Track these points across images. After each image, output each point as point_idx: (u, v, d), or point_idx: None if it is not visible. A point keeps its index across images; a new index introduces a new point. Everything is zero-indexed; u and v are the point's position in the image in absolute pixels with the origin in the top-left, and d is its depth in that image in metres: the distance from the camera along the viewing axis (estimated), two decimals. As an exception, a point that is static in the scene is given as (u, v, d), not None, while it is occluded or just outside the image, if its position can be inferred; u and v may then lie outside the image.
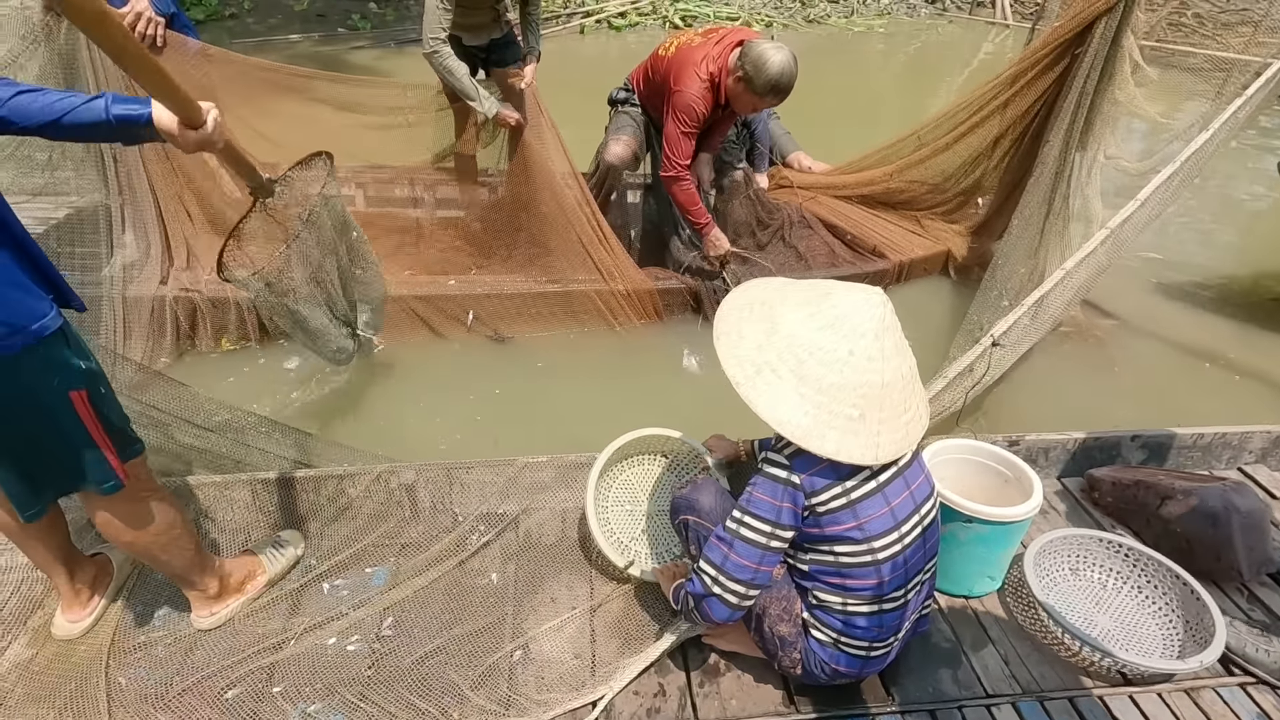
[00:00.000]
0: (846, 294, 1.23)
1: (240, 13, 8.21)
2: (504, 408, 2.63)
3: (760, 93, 2.58)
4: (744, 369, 1.23)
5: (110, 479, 1.33)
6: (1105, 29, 2.45)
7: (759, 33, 2.80)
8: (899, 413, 1.24)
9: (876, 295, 1.23)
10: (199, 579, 1.57)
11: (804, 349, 1.20)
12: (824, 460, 1.22)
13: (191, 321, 2.69)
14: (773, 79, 2.53)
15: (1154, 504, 1.85)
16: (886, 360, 1.21)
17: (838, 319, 1.20)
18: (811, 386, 1.19)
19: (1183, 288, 3.44)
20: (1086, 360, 2.89)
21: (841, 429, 1.20)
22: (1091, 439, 2.08)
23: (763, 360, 1.22)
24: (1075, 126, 2.53)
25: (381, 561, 1.80)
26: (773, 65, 2.52)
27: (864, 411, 1.20)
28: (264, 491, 1.86)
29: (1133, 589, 1.71)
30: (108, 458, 1.30)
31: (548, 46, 7.53)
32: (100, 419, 1.28)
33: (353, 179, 3.35)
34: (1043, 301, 1.86)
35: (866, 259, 3.22)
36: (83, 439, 1.26)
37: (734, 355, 1.25)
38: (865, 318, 1.20)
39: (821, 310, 1.22)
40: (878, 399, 1.21)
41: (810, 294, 1.26)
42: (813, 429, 1.19)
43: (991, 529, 1.61)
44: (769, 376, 1.21)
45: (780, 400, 1.20)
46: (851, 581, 1.30)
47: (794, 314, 1.23)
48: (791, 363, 1.20)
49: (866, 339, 1.20)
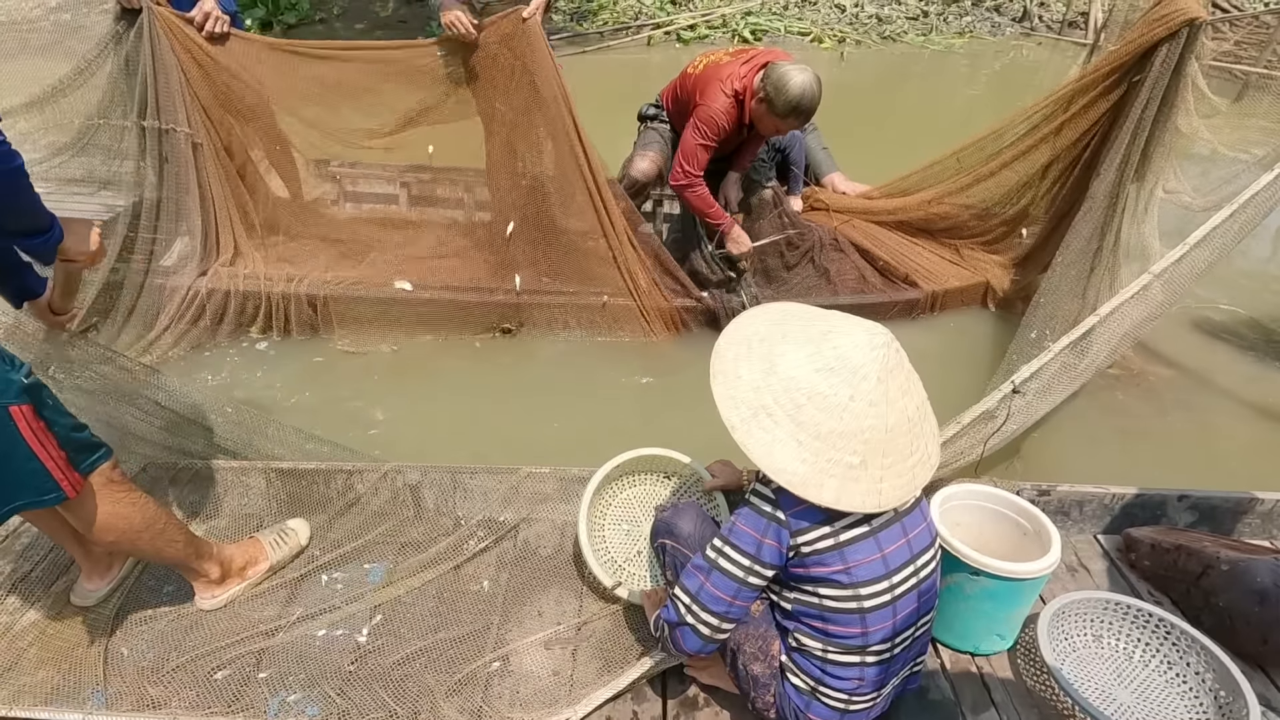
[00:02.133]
0: (848, 334, 1.17)
1: (329, 17, 8.66)
2: (509, 414, 2.65)
3: (781, 114, 2.57)
4: (739, 411, 1.18)
5: (52, 491, 1.31)
6: (1168, 55, 2.28)
7: (791, 55, 2.74)
8: (904, 456, 1.17)
9: (880, 336, 1.16)
10: (197, 565, 1.63)
11: (802, 393, 1.14)
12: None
13: (223, 312, 2.85)
14: (793, 101, 2.52)
15: (1196, 572, 1.69)
16: (890, 404, 1.14)
17: (838, 360, 1.14)
18: (809, 433, 1.14)
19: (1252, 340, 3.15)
20: (1137, 409, 2.68)
21: (841, 476, 1.14)
22: (1133, 494, 1.92)
23: (759, 403, 1.17)
24: (1131, 157, 2.35)
25: (380, 558, 1.83)
26: (793, 87, 2.50)
27: (865, 458, 1.14)
28: (277, 480, 1.94)
29: (1162, 663, 1.56)
30: (50, 470, 1.28)
31: (615, 58, 7.54)
32: (48, 431, 1.28)
33: (397, 178, 3.44)
34: (1082, 347, 1.73)
35: (897, 287, 3.10)
36: (23, 453, 1.25)
37: (730, 397, 1.20)
38: (867, 360, 1.14)
39: (821, 351, 1.16)
40: (881, 444, 1.14)
41: (811, 331, 1.20)
42: (810, 477, 1.14)
43: (1000, 584, 1.50)
44: (765, 420, 1.16)
45: (776, 446, 1.15)
46: (834, 628, 1.23)
47: (793, 354, 1.17)
48: (789, 407, 1.15)
49: (868, 382, 1.13)
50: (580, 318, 2.99)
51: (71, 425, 1.35)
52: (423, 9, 8.76)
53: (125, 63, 2.66)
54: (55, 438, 1.30)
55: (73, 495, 1.34)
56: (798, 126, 2.71)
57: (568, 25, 8.06)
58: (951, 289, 3.12)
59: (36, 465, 1.27)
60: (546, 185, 2.93)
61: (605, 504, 1.88)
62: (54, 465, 1.29)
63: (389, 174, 3.49)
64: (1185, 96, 2.33)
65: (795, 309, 1.29)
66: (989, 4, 8.90)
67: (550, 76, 2.73)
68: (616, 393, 2.81)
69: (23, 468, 1.27)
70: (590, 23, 8.16)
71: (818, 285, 3.11)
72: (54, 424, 1.30)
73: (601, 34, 7.95)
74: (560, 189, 2.91)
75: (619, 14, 8.25)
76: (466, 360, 2.91)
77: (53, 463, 1.29)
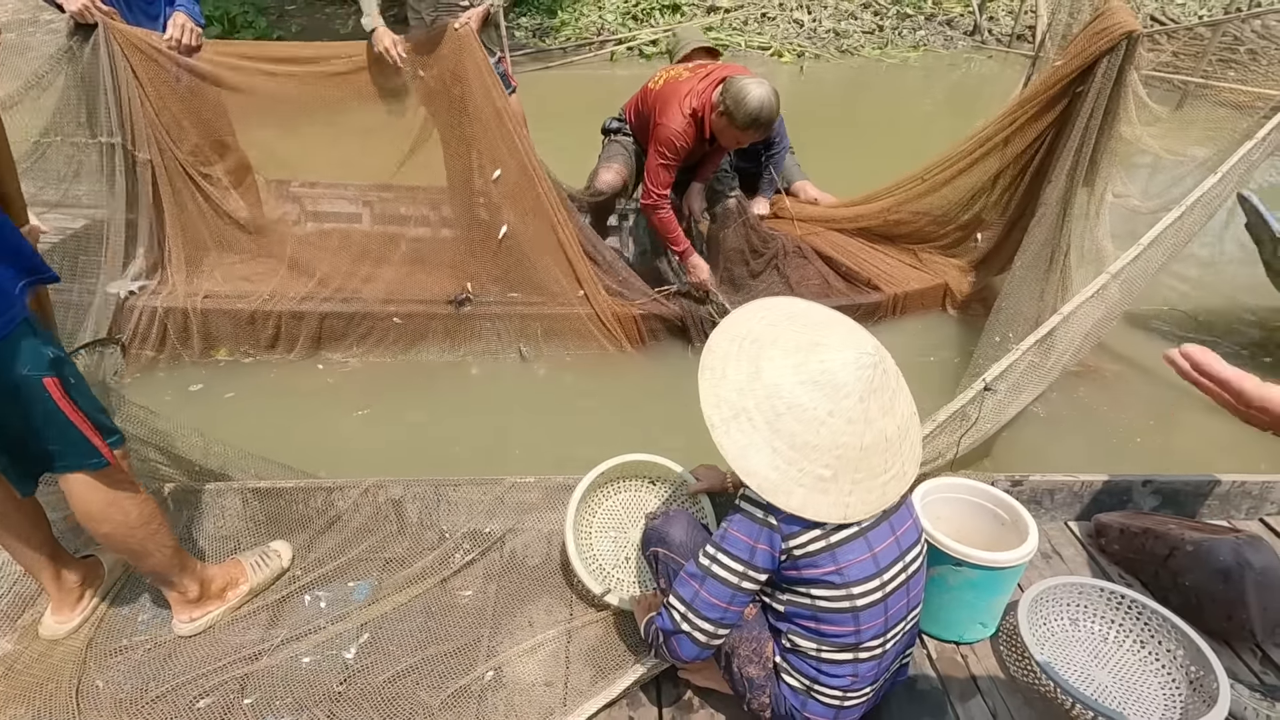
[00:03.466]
0: (838, 350, 1.17)
1: (287, 35, 8.55)
2: (478, 431, 2.63)
3: (741, 126, 2.63)
4: (720, 411, 1.20)
5: (94, 456, 1.37)
6: (1108, 67, 2.41)
7: (747, 69, 2.82)
8: (876, 474, 1.19)
9: (869, 356, 1.16)
10: (178, 579, 1.59)
11: (783, 402, 1.16)
12: None
13: (184, 331, 2.78)
14: (752, 113, 2.58)
15: (1163, 554, 1.76)
16: (869, 423, 1.16)
17: (823, 375, 1.15)
18: (785, 442, 1.15)
19: (1186, 335, 3.32)
20: (1096, 403, 2.80)
21: (810, 487, 1.16)
22: (1100, 482, 1.99)
23: (741, 405, 1.18)
24: (1080, 164, 2.48)
25: (365, 576, 1.80)
26: (751, 100, 2.56)
27: (837, 472, 1.16)
28: (254, 500, 1.89)
29: (1135, 644, 1.62)
30: (90, 437, 1.34)
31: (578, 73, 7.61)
32: (76, 405, 1.32)
33: (359, 197, 3.40)
34: (1047, 345, 1.80)
35: (860, 290, 3.19)
36: (63, 421, 1.31)
37: (714, 394, 1.21)
38: (851, 378, 1.15)
39: (808, 363, 1.17)
40: (854, 461, 1.16)
41: (802, 340, 1.20)
42: (780, 484, 1.16)
43: (982, 574, 1.54)
44: (744, 424, 1.18)
45: (751, 450, 1.17)
46: (827, 627, 1.25)
47: (781, 361, 1.18)
48: (769, 414, 1.16)
49: (850, 400, 1.14)
50: (546, 330, 2.99)
51: (95, 405, 1.39)
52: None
53: (80, 79, 2.59)
54: (85, 411, 1.34)
55: (113, 463, 1.39)
56: (759, 138, 2.77)
57: (531, 41, 8.10)
58: (912, 292, 3.22)
59: (76, 433, 1.33)
60: (499, 199, 2.93)
61: (591, 511, 1.88)
62: (92, 434, 1.35)
63: (351, 193, 3.44)
64: (1127, 105, 2.46)
65: (798, 309, 1.29)
66: (941, 19, 9.22)
67: (483, 87, 2.74)
68: (588, 404, 2.81)
69: (66, 433, 1.32)
70: (553, 39, 8.22)
71: (782, 292, 3.16)
72: (79, 403, 1.33)
73: (565, 50, 8.01)
74: (513, 202, 2.92)
75: (581, 30, 8.32)
76: (429, 377, 2.88)
77: (90, 431, 1.35)
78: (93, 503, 1.40)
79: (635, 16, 8.55)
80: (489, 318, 2.94)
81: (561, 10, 8.64)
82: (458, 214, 3.09)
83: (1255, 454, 2.59)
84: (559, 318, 2.97)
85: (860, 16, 9.00)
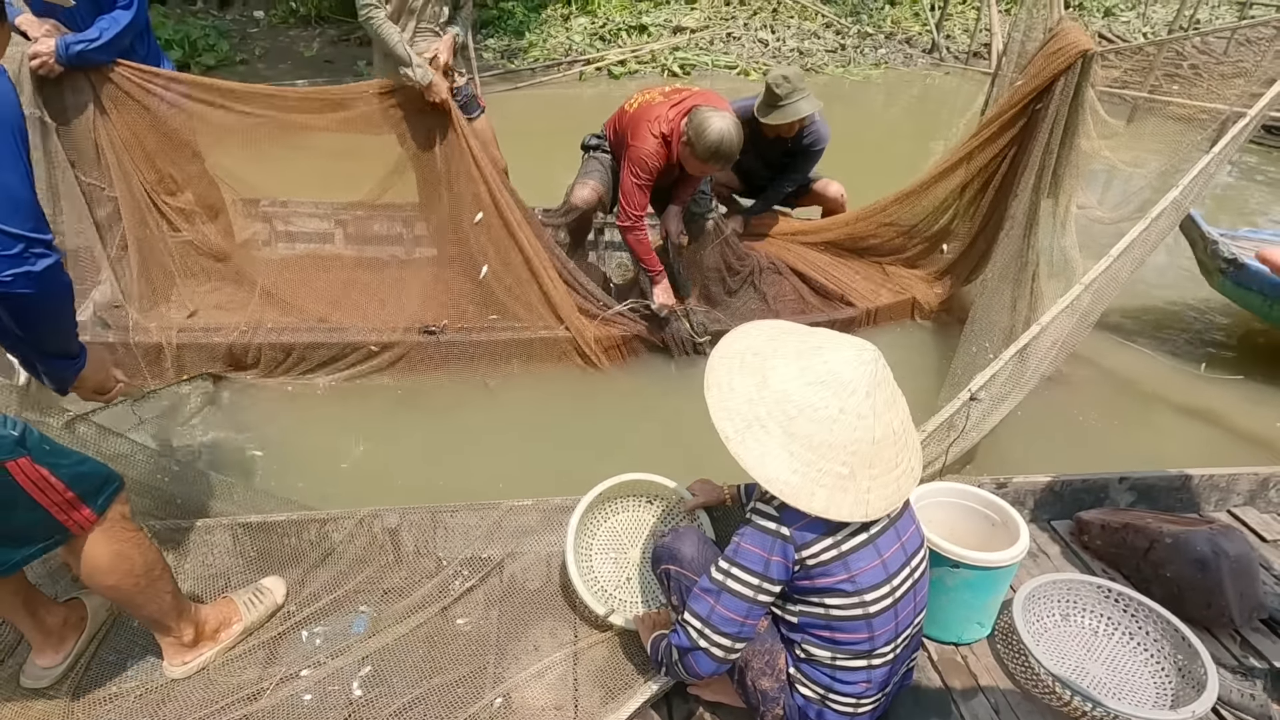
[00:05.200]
0: (837, 349, 1.22)
1: (251, 59, 8.44)
2: (463, 456, 2.62)
3: (702, 158, 2.67)
4: (734, 423, 1.22)
5: (57, 533, 1.31)
6: (1065, 85, 2.54)
7: (718, 95, 2.88)
8: (890, 468, 1.22)
9: (868, 351, 1.22)
10: (175, 624, 1.54)
11: (794, 405, 1.19)
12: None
13: (156, 360, 2.71)
14: (711, 146, 2.62)
15: (1143, 548, 1.83)
16: (878, 417, 1.19)
17: (829, 374, 1.19)
18: (801, 444, 1.18)
19: (1139, 331, 3.51)
20: (1071, 405, 2.92)
21: (831, 486, 1.18)
22: (1079, 481, 2.07)
23: (752, 415, 1.21)
24: (1044, 178, 2.60)
25: (363, 608, 1.77)
26: (710, 134, 2.60)
27: (854, 469, 1.19)
28: (244, 535, 1.85)
29: (1124, 635, 1.68)
30: (53, 514, 1.28)
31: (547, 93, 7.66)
32: (51, 477, 1.26)
33: (332, 215, 3.37)
34: (1024, 355, 1.88)
35: (835, 306, 3.28)
36: (26, 504, 1.25)
37: (724, 408, 1.24)
38: (856, 374, 1.19)
39: (812, 365, 1.21)
40: (868, 456, 1.19)
41: (802, 347, 1.24)
42: (801, 486, 1.18)
43: (979, 574, 1.59)
44: (758, 432, 1.20)
45: (769, 457, 1.19)
46: (841, 635, 1.27)
47: (785, 368, 1.22)
48: (781, 419, 1.19)
49: (857, 396, 1.18)
50: (526, 354, 2.98)
51: (75, 462, 1.33)
52: (348, 49, 8.67)
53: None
54: (61, 480, 1.28)
55: (79, 532, 1.34)
56: (721, 169, 2.81)
57: (499, 63, 8.14)
58: (883, 305, 3.33)
59: (40, 514, 1.27)
60: (476, 232, 2.95)
61: (590, 534, 1.89)
62: (57, 509, 1.29)
63: (323, 211, 3.41)
64: (1085, 120, 2.58)
65: (787, 326, 1.35)
66: (901, 37, 9.55)
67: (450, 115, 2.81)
68: (574, 425, 2.81)
69: (27, 518, 1.27)
70: (522, 60, 8.27)
71: (760, 308, 3.23)
72: (57, 468, 1.28)
73: (534, 70, 8.06)
74: (489, 234, 2.94)
75: (550, 51, 8.40)
76: (406, 403, 2.84)
77: (56, 507, 1.29)
78: (100, 556, 1.36)
79: (602, 37, 8.67)
80: (469, 344, 2.93)
81: (529, 32, 8.71)
82: (435, 241, 3.11)
83: (1219, 447, 2.73)
84: (538, 341, 2.97)
85: (823, 36, 9.27)
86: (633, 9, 9.12)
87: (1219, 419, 2.94)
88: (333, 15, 8.84)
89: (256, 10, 9.35)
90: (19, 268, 1.18)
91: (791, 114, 3.04)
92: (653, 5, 9.29)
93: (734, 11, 9.33)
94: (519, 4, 9.11)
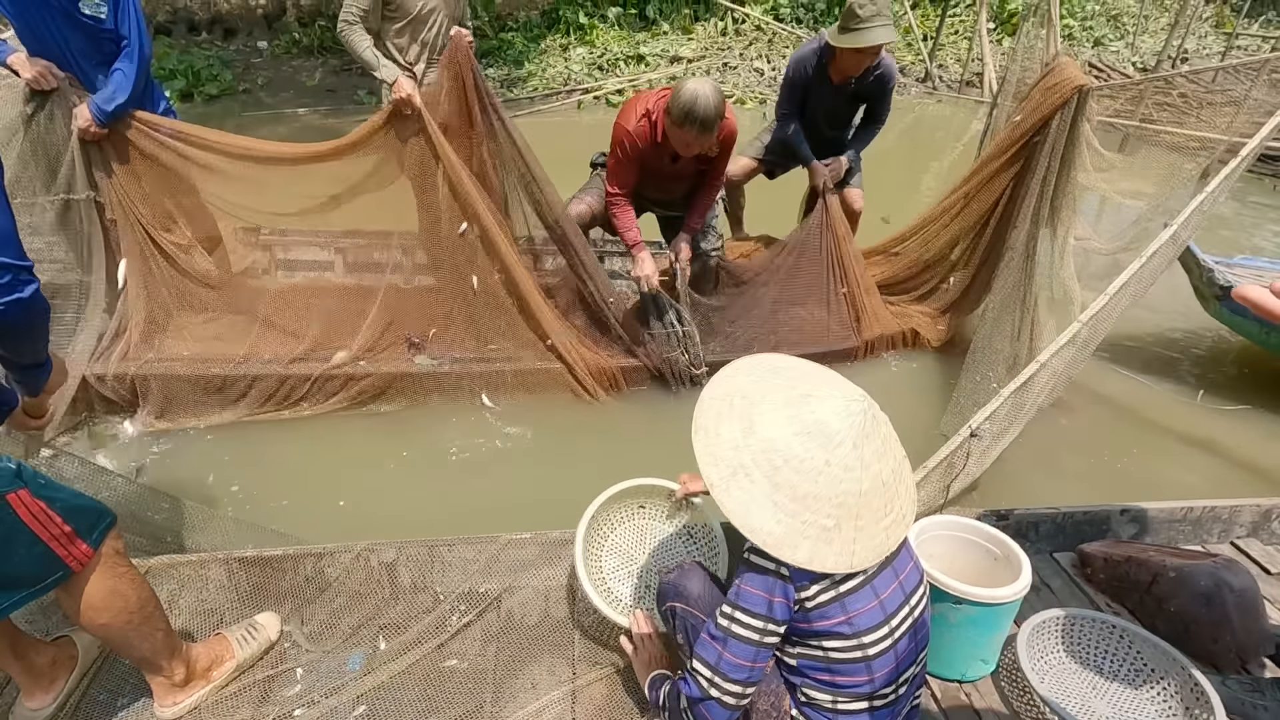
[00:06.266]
0: (826, 399, 1.20)
1: (253, 88, 8.57)
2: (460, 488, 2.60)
3: (676, 121, 2.55)
4: (719, 469, 1.20)
5: (58, 570, 1.31)
6: (1062, 120, 2.58)
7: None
8: (878, 518, 1.20)
9: (857, 403, 1.20)
10: (166, 664, 1.52)
11: (780, 455, 1.17)
12: None
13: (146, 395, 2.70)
14: (685, 106, 2.49)
15: (1146, 581, 1.82)
16: (866, 468, 1.18)
17: (816, 425, 1.17)
18: (785, 494, 1.16)
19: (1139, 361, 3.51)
20: (1070, 432, 2.92)
21: (815, 538, 1.17)
22: (1081, 512, 2.06)
23: (738, 462, 1.19)
24: (1041, 211, 2.64)
25: (358, 644, 1.74)
26: (684, 94, 2.49)
27: (839, 521, 1.17)
28: (240, 570, 1.83)
29: (1130, 672, 1.66)
30: (54, 549, 1.28)
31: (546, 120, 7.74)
32: (49, 510, 1.26)
33: (331, 244, 3.38)
34: (1025, 389, 1.88)
35: (834, 336, 3.27)
36: (26, 539, 1.24)
37: (710, 453, 1.22)
38: (844, 425, 1.17)
39: (800, 415, 1.19)
40: (854, 508, 1.17)
41: (790, 394, 1.22)
42: (785, 538, 1.16)
43: (982, 610, 1.57)
44: (743, 480, 1.18)
45: (753, 505, 1.17)
46: (842, 679, 1.25)
47: (772, 415, 1.20)
48: (766, 468, 1.17)
49: (844, 448, 1.16)
50: (523, 384, 2.98)
51: (70, 495, 1.33)
52: (350, 78, 8.80)
53: (36, 146, 2.56)
54: (58, 514, 1.27)
55: (79, 569, 1.33)
56: (700, 136, 2.59)
57: (499, 91, 8.26)
58: (882, 337, 3.33)
59: (41, 548, 1.27)
60: (469, 254, 2.98)
61: (597, 556, 1.87)
62: (57, 544, 1.29)
63: (322, 240, 3.41)
64: (1082, 153, 2.62)
65: (781, 364, 1.32)
66: (895, 67, 9.75)
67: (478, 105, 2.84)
68: (569, 454, 2.80)
69: (27, 554, 1.26)
70: (521, 89, 8.41)
71: (760, 337, 3.23)
72: (53, 501, 1.28)
73: (532, 99, 8.19)
74: (484, 257, 2.97)
75: (549, 80, 8.54)
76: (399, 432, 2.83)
77: (56, 541, 1.28)
78: (94, 594, 1.34)
79: (600, 67, 8.82)
80: (465, 375, 2.92)
81: (529, 62, 8.87)
82: (433, 266, 3.12)
83: (1220, 476, 2.72)
84: (538, 371, 2.97)
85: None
86: (630, 39, 9.30)
87: (1218, 447, 2.94)
88: (334, 46, 8.98)
89: (260, 40, 9.51)
90: (10, 295, 1.22)
91: (869, 39, 2.87)
92: (650, 36, 9.48)
93: (730, 42, 9.51)
94: (519, 35, 9.30)
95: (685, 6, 9.73)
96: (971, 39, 9.45)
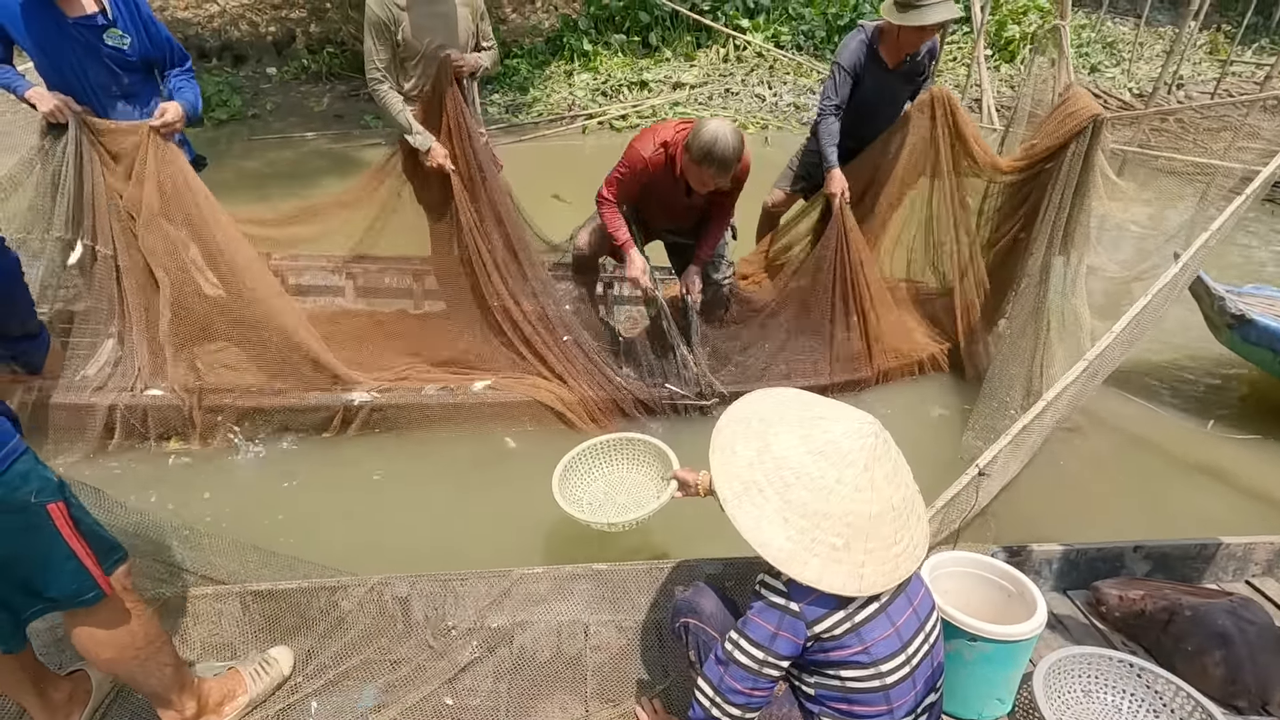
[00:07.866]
0: (839, 421, 1.24)
1: (262, 113, 8.67)
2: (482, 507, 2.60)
3: (695, 160, 2.58)
4: (732, 486, 1.24)
5: (91, 589, 1.31)
6: (1076, 148, 2.62)
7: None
8: (888, 544, 1.22)
9: (869, 426, 1.23)
10: (177, 699, 1.51)
11: (792, 472, 1.20)
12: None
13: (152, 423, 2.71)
14: (705, 145, 2.52)
15: (1163, 620, 1.81)
16: (876, 490, 1.20)
17: (829, 445, 1.21)
18: (796, 511, 1.19)
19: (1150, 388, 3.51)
20: (1082, 462, 2.91)
21: (824, 557, 1.18)
22: (1094, 549, 2.05)
23: (751, 479, 1.23)
24: (1055, 238, 2.68)
25: (371, 679, 1.73)
26: (705, 133, 2.53)
27: (849, 541, 1.19)
28: (254, 603, 1.83)
29: (1148, 712, 1.64)
30: (88, 567, 1.29)
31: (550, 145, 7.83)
32: (78, 529, 1.27)
33: (342, 269, 3.41)
34: (1032, 426, 1.90)
35: (847, 365, 3.25)
36: (62, 553, 1.25)
37: (725, 471, 1.26)
38: (855, 446, 1.20)
39: (813, 434, 1.23)
40: (864, 529, 1.19)
41: (805, 415, 1.27)
42: (795, 554, 1.18)
43: (997, 648, 1.57)
44: (755, 496, 1.22)
45: (765, 521, 1.20)
46: (860, 709, 1.25)
47: (787, 435, 1.24)
48: (779, 485, 1.20)
49: (855, 468, 1.19)
50: (533, 414, 2.97)
51: (94, 522, 1.34)
52: (357, 104, 8.92)
53: (51, 180, 2.58)
54: (84, 537, 1.28)
55: (110, 593, 1.33)
56: (718, 175, 2.62)
57: (504, 116, 8.38)
58: (895, 366, 3.32)
59: (75, 564, 1.27)
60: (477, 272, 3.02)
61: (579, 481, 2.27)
62: (91, 563, 1.29)
63: (333, 264, 3.44)
64: (1095, 181, 2.66)
65: (792, 395, 1.37)
66: (892, 93, 9.87)
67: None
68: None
69: (63, 567, 1.26)
70: (525, 114, 8.52)
71: (770, 365, 3.23)
72: (81, 522, 1.28)
73: (536, 124, 8.30)
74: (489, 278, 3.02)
75: (553, 106, 8.65)
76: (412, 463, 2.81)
77: (90, 560, 1.29)
78: (100, 629, 1.34)
79: (604, 92, 8.94)
80: (483, 404, 2.93)
81: (534, 87, 8.99)
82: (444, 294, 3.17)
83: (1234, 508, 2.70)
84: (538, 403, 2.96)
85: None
86: (634, 65, 9.43)
87: (1232, 479, 2.92)
88: (343, 72, 9.12)
89: (269, 67, 9.64)
90: None
91: (934, 16, 2.81)
92: (653, 62, 9.62)
93: (732, 69, 9.64)
94: (524, 61, 9.43)
95: (687, 34, 9.89)
96: (970, 65, 9.59)
